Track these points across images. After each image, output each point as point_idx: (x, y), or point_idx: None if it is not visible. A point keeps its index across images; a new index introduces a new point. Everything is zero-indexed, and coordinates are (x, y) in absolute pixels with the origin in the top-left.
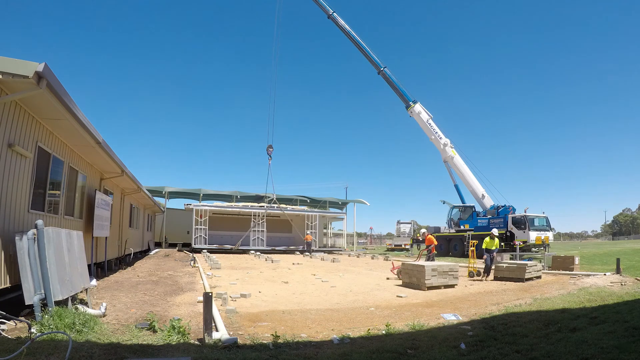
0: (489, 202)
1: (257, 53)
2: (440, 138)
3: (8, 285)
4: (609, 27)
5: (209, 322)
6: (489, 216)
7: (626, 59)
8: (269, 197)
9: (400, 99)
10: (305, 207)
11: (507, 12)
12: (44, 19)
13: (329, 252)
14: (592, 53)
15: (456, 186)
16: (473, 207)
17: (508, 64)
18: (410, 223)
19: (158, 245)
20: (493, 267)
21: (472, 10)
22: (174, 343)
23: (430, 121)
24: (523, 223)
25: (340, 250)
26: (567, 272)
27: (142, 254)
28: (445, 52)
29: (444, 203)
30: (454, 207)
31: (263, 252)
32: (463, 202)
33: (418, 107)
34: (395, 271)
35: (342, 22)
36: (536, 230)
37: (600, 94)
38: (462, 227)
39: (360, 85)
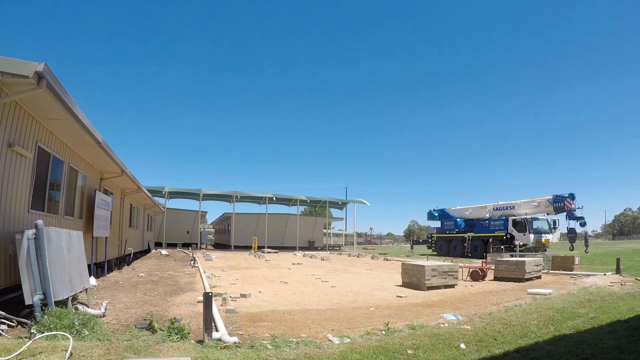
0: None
1: (258, 54)
2: None
3: (8, 285)
4: (608, 28)
5: (209, 322)
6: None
7: (627, 58)
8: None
9: None
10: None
11: (508, 12)
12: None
13: (329, 252)
14: (592, 53)
15: None
16: (444, 209)
17: (508, 65)
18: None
19: (158, 245)
20: (493, 267)
21: (475, 11)
22: (173, 343)
23: None
24: (523, 225)
25: (340, 250)
26: (567, 272)
27: (142, 254)
28: (447, 54)
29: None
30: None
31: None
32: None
33: None
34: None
35: None
36: (537, 232)
37: (600, 94)
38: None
39: (360, 85)
